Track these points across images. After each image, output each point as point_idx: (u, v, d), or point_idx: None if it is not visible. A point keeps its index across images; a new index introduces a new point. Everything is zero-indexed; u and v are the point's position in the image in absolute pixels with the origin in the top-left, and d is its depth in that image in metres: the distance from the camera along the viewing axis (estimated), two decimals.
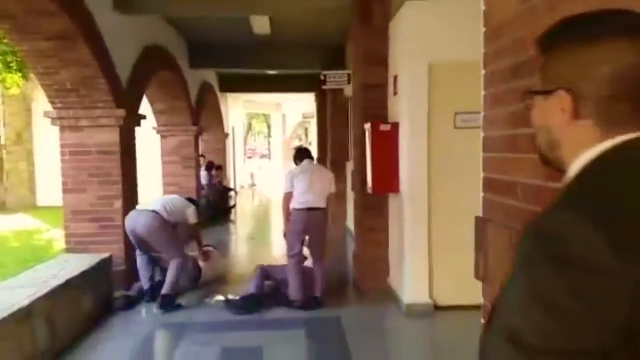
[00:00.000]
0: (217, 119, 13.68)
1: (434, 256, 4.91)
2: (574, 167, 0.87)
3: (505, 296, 0.83)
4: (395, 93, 5.23)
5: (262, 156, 35.96)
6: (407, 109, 4.87)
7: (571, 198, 0.81)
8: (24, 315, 3.76)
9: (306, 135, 27.89)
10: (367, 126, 5.29)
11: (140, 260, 5.49)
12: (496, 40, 1.89)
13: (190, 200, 5.89)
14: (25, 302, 3.84)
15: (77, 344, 4.42)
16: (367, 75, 5.56)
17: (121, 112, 5.54)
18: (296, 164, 5.43)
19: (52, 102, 5.44)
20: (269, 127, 32.92)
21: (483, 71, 2.03)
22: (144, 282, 5.49)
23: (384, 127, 5.15)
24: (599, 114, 0.85)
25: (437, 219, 4.88)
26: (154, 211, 5.24)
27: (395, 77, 5.18)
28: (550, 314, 0.72)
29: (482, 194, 2.07)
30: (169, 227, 5.32)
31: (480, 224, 2.02)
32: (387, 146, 5.13)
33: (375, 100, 5.57)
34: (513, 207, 1.77)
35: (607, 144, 0.84)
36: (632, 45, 0.81)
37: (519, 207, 1.73)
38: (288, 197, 5.24)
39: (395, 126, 5.13)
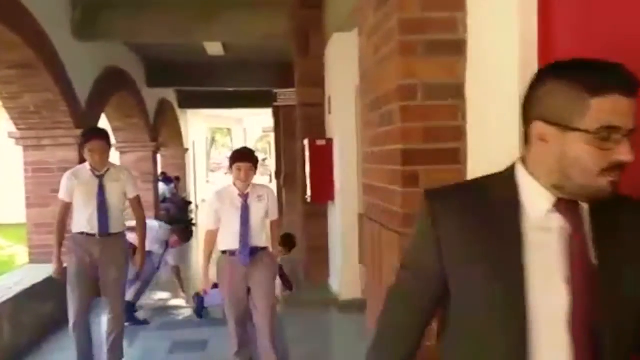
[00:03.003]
0: (177, 134, 14.15)
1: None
2: None
3: None
4: (329, 112, 5.87)
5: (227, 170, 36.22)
6: (338, 126, 5.52)
7: None
8: None
9: (270, 149, 28.45)
10: (306, 141, 5.92)
11: None
12: (363, 81, 2.53)
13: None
14: None
15: (39, 344, 4.87)
16: (305, 95, 6.21)
17: (80, 132, 6.01)
18: None
19: (16, 124, 5.89)
20: (231, 140, 33.37)
21: (360, 103, 2.67)
22: None
23: (320, 142, 5.79)
24: None
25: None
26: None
27: (329, 98, 5.83)
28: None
29: (362, 196, 2.70)
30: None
31: (360, 220, 2.64)
32: (323, 159, 5.76)
33: (314, 117, 6.20)
34: (373, 204, 2.40)
35: None
36: None
37: (376, 204, 2.36)
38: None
39: (330, 141, 5.77)
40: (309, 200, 6.00)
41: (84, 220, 3.99)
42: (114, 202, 4.05)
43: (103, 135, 4.19)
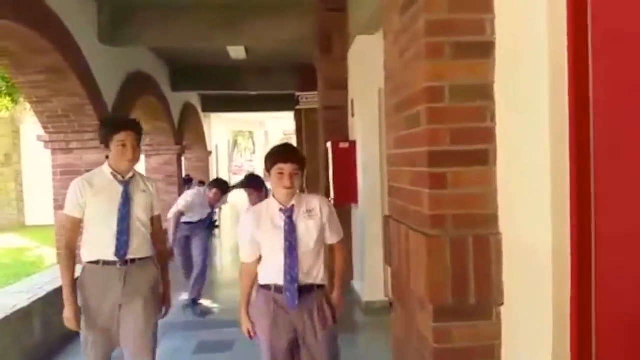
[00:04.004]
0: (200, 137, 14.31)
1: None
2: None
3: None
4: (353, 114, 5.89)
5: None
6: (361, 128, 5.53)
7: None
8: (24, 314, 4.33)
9: None
10: (329, 144, 5.94)
11: None
12: (388, 83, 2.54)
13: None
14: (25, 303, 4.42)
15: (69, 342, 4.96)
16: (328, 98, 6.24)
17: None
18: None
19: (44, 127, 6.03)
20: (253, 144, 33.66)
21: (385, 105, 2.67)
22: None
23: (343, 145, 5.81)
24: None
25: None
26: None
27: (352, 101, 5.85)
28: None
29: (388, 198, 2.70)
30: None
31: (385, 221, 2.64)
32: (346, 162, 5.77)
33: (336, 120, 6.22)
34: (400, 205, 2.40)
35: None
36: None
37: (403, 206, 2.36)
38: None
39: (353, 144, 5.78)
40: (332, 202, 6.00)
41: (102, 243, 2.92)
42: (142, 218, 3.04)
43: (137, 124, 3.13)
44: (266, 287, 2.76)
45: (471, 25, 1.96)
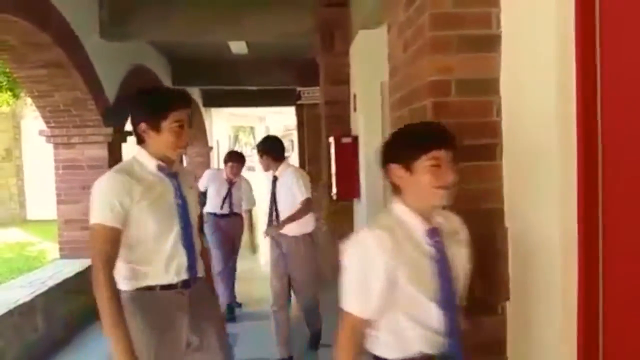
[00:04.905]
0: (201, 132, 14.30)
1: None
2: None
3: None
4: (355, 109, 5.87)
5: (249, 168, 36.38)
6: (363, 123, 5.51)
7: None
8: (26, 308, 4.34)
9: (292, 147, 28.55)
10: (331, 139, 5.93)
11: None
12: (392, 77, 2.53)
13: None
14: (27, 298, 4.42)
15: (72, 337, 4.98)
16: (330, 93, 6.22)
17: (109, 130, 6.13)
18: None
19: (46, 122, 6.01)
20: (254, 139, 33.62)
21: (390, 99, 2.66)
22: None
23: (345, 140, 5.79)
24: None
25: None
26: None
27: (355, 95, 5.83)
28: None
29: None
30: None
31: None
32: (348, 157, 5.76)
33: (338, 115, 6.20)
34: None
35: None
36: None
37: None
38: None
39: (355, 139, 5.77)
40: (334, 197, 6.01)
41: (160, 262, 2.08)
42: (196, 223, 2.25)
43: (190, 101, 2.34)
44: None
45: (477, 19, 1.95)
